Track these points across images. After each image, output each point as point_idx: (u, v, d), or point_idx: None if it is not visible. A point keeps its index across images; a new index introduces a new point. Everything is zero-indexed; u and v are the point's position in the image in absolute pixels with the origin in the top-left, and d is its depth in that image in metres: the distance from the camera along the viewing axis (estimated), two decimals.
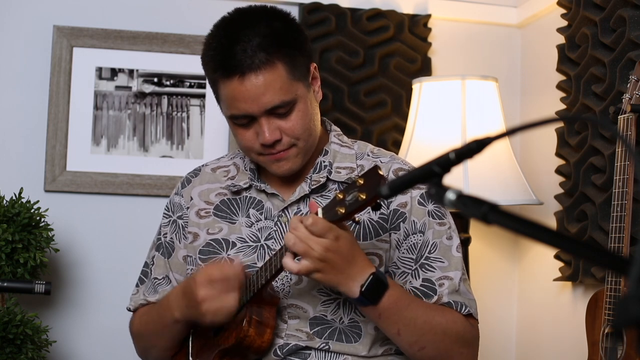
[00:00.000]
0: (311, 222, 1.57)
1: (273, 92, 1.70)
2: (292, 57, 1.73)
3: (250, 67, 1.69)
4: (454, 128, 2.60)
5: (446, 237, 1.81)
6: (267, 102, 1.71)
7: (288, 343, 1.77)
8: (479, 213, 0.96)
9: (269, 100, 1.71)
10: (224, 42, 1.72)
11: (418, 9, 2.99)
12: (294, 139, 1.76)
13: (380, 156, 1.88)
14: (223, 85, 1.74)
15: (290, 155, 1.77)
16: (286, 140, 1.75)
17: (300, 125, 1.74)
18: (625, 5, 2.40)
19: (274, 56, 1.70)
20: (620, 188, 2.10)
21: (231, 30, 1.73)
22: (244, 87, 1.70)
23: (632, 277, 0.79)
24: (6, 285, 1.78)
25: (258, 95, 1.70)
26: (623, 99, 2.17)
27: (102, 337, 2.75)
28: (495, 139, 1.02)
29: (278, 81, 1.70)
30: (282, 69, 1.71)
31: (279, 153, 1.76)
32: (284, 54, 1.71)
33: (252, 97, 1.70)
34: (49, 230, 2.46)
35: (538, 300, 2.91)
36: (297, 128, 1.74)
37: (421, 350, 1.72)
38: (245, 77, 1.69)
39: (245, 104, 1.72)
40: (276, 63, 1.70)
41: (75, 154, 2.75)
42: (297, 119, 1.74)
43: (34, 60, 2.76)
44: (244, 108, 1.72)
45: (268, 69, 1.70)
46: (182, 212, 1.93)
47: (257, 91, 1.70)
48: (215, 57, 1.74)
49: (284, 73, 1.71)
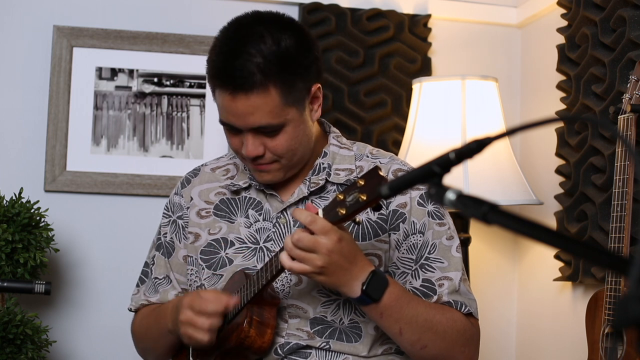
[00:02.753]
0: (311, 219, 1.57)
1: (261, 114, 1.70)
2: (290, 82, 1.71)
3: (242, 86, 1.68)
4: (454, 128, 2.59)
5: (446, 237, 1.81)
6: (253, 122, 1.71)
7: (289, 342, 1.77)
8: (479, 213, 0.96)
9: (256, 120, 1.71)
10: (226, 51, 1.71)
11: (418, 9, 2.99)
12: (277, 157, 1.76)
13: (380, 157, 1.88)
14: (217, 92, 1.75)
15: (271, 169, 1.79)
16: (268, 156, 1.76)
17: (285, 147, 1.75)
18: (625, 5, 2.40)
19: (270, 80, 1.68)
20: (620, 188, 2.10)
21: (236, 40, 1.71)
22: (234, 104, 1.70)
23: (632, 277, 0.79)
24: (6, 285, 1.78)
25: (245, 114, 1.70)
26: (623, 99, 2.17)
27: (102, 337, 2.75)
28: (495, 139, 1.02)
29: (269, 105, 1.69)
30: (275, 95, 1.69)
31: (260, 165, 1.78)
32: (282, 79, 1.69)
33: (240, 114, 1.71)
34: (49, 230, 2.46)
35: (538, 300, 2.91)
36: (280, 148, 1.75)
37: (423, 349, 1.72)
38: (236, 94, 1.69)
39: (233, 118, 1.73)
40: (270, 88, 1.68)
41: (75, 154, 2.75)
42: (282, 140, 1.74)
43: (34, 60, 2.76)
44: (231, 120, 1.74)
45: (260, 93, 1.68)
46: (182, 212, 1.93)
47: (245, 110, 1.70)
48: (215, 64, 1.73)
49: (277, 98, 1.70)
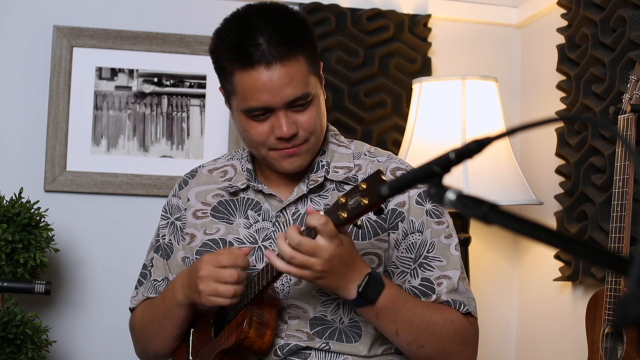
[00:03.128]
0: (324, 221, 1.55)
1: (296, 84, 1.70)
2: (311, 50, 1.74)
3: (276, 56, 1.68)
4: (454, 128, 2.59)
5: (444, 236, 1.81)
6: (289, 93, 1.70)
7: (288, 343, 1.77)
8: (479, 213, 0.96)
9: (292, 92, 1.70)
10: (246, 32, 1.70)
11: (418, 9, 2.99)
12: (308, 134, 1.75)
13: (377, 155, 1.87)
14: (242, 76, 1.71)
15: (302, 151, 1.77)
16: (302, 134, 1.75)
17: (315, 120, 1.75)
18: (625, 5, 2.40)
19: (297, 48, 1.70)
20: (620, 188, 2.10)
21: (250, 22, 1.71)
22: (268, 78, 1.69)
23: (632, 277, 0.79)
24: (6, 285, 1.78)
25: (281, 87, 1.69)
26: (623, 99, 2.17)
27: (102, 337, 2.75)
28: (495, 139, 1.02)
29: (300, 73, 1.70)
30: (303, 62, 1.71)
31: (292, 148, 1.75)
32: (305, 47, 1.72)
33: (276, 87, 1.69)
34: (49, 230, 2.46)
35: (538, 300, 2.91)
36: (312, 123, 1.74)
37: (420, 349, 1.72)
38: (271, 67, 1.68)
39: (268, 95, 1.70)
40: (299, 55, 1.70)
41: (75, 154, 2.75)
42: (313, 113, 1.74)
43: (34, 60, 2.76)
44: (265, 100, 1.70)
45: (293, 60, 1.69)
46: (179, 213, 1.92)
47: (281, 82, 1.69)
48: (236, 47, 1.71)
49: (305, 66, 1.72)
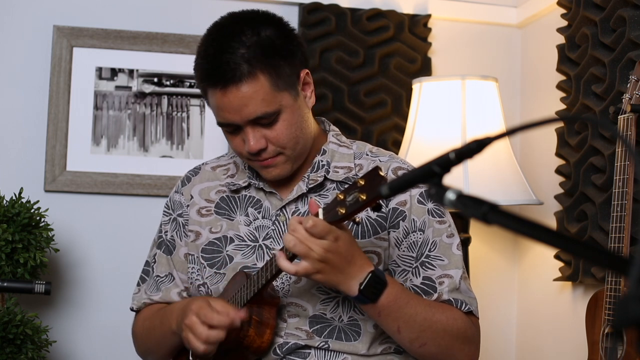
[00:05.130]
0: (311, 224, 1.58)
1: (255, 104, 1.72)
2: (276, 67, 1.74)
3: (232, 79, 1.71)
4: (454, 128, 2.59)
5: (446, 235, 1.81)
6: (249, 113, 1.73)
7: (287, 342, 1.77)
8: (479, 213, 0.96)
9: (251, 111, 1.73)
10: (210, 51, 1.75)
11: (418, 9, 2.99)
12: (280, 148, 1.78)
13: (379, 155, 1.88)
14: (210, 94, 1.77)
15: (278, 162, 1.79)
16: (272, 148, 1.77)
17: (285, 135, 1.76)
18: (625, 5, 2.40)
19: (257, 68, 1.71)
20: (620, 188, 2.10)
21: (218, 39, 1.75)
22: (227, 99, 1.73)
23: (632, 277, 0.79)
24: (6, 285, 1.78)
25: (240, 107, 1.73)
26: (623, 99, 2.17)
27: (102, 337, 2.75)
28: (495, 139, 1.02)
29: (260, 93, 1.72)
30: (264, 81, 1.72)
31: (265, 160, 1.78)
32: (268, 65, 1.72)
33: (235, 108, 1.73)
34: (49, 230, 2.46)
35: (538, 300, 2.91)
36: (282, 137, 1.76)
37: (422, 347, 1.73)
38: (227, 89, 1.72)
39: (229, 114, 1.75)
40: (258, 75, 1.72)
41: (75, 154, 2.75)
42: (282, 128, 1.76)
43: (34, 60, 2.76)
44: (228, 118, 1.75)
45: (250, 81, 1.71)
46: (182, 210, 1.94)
47: (239, 102, 1.72)
48: (202, 66, 1.77)
49: (267, 85, 1.73)
